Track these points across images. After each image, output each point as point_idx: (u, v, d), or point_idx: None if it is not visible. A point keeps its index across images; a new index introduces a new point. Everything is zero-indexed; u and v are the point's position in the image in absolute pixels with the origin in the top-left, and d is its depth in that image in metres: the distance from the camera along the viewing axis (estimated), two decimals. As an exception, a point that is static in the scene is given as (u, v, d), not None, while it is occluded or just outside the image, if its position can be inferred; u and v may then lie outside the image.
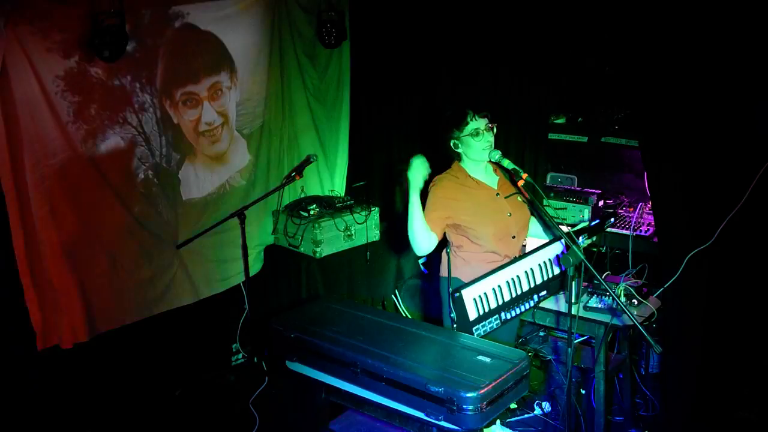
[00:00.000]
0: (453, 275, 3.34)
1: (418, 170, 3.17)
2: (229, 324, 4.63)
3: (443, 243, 3.38)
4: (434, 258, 4.24)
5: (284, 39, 4.63)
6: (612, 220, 3.64)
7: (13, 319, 3.57)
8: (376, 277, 4.86)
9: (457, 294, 2.98)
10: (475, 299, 3.03)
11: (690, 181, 3.28)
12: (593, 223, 3.53)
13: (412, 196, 3.18)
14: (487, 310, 3.06)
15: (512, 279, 3.13)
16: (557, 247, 3.28)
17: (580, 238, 3.28)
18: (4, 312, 3.56)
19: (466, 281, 3.20)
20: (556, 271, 3.27)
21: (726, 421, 3.42)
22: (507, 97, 4.79)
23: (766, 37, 3.01)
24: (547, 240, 3.38)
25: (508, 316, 3.16)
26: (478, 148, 3.26)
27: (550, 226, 3.50)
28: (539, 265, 3.22)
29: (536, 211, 3.49)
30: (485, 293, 3.05)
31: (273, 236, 4.72)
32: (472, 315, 3.02)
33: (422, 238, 3.22)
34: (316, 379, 3.02)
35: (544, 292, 3.26)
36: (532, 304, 3.23)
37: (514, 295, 3.15)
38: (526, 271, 3.18)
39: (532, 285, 3.20)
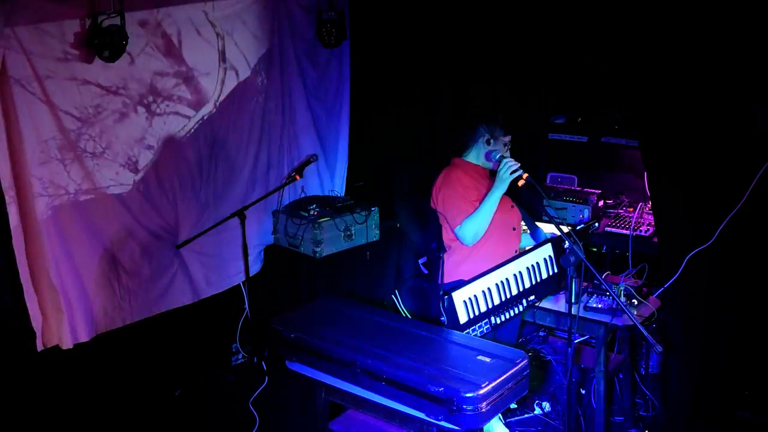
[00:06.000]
0: (456, 277, 3.36)
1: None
2: (229, 324, 4.63)
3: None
4: (434, 258, 4.25)
5: (284, 39, 4.63)
6: (596, 225, 3.65)
7: (13, 319, 3.57)
8: (376, 277, 4.86)
9: (447, 296, 2.99)
10: (465, 302, 3.03)
11: (690, 180, 3.28)
12: (579, 228, 3.56)
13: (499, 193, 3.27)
14: (477, 313, 3.07)
15: (502, 281, 3.15)
16: (545, 251, 3.30)
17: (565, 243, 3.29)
18: (4, 312, 3.56)
19: (468, 279, 3.23)
20: (544, 275, 3.29)
21: (726, 421, 3.42)
22: (507, 97, 4.79)
23: (766, 37, 3.01)
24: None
25: (498, 321, 3.17)
26: (484, 152, 3.41)
27: (533, 228, 3.62)
28: (527, 268, 3.24)
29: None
30: (475, 296, 3.06)
31: (273, 236, 4.72)
32: (463, 318, 3.03)
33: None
34: (316, 379, 3.03)
35: (532, 297, 3.28)
36: (521, 308, 3.25)
37: (503, 299, 3.16)
38: (515, 274, 3.20)
39: (521, 289, 3.22)
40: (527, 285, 3.23)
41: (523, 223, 3.66)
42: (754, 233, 3.19)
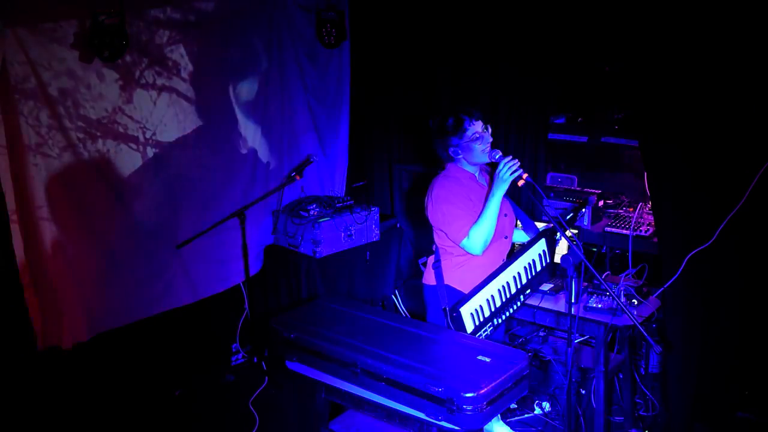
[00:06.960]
0: (446, 282, 3.34)
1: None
2: (229, 324, 4.63)
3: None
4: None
5: (284, 39, 4.63)
6: (583, 210, 3.63)
7: (13, 319, 3.57)
8: (376, 277, 4.86)
9: (456, 313, 3.00)
10: (471, 314, 3.06)
11: (690, 181, 3.28)
12: (568, 217, 3.58)
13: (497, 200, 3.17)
14: (482, 319, 3.10)
15: (503, 286, 3.19)
16: (540, 246, 3.36)
17: (557, 234, 3.35)
18: (4, 312, 3.56)
19: (458, 287, 3.24)
20: (538, 268, 3.36)
21: (726, 421, 3.42)
22: (507, 97, 4.78)
23: (766, 36, 3.01)
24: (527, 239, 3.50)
25: (499, 320, 3.23)
26: (478, 152, 3.27)
27: (528, 226, 3.63)
28: (524, 267, 3.29)
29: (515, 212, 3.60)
30: (480, 306, 3.10)
31: (273, 236, 4.72)
32: (470, 328, 3.07)
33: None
34: (316, 379, 3.03)
35: (528, 291, 3.36)
36: (518, 304, 3.32)
37: (504, 300, 3.21)
38: (514, 276, 3.25)
39: (519, 286, 3.28)
40: (524, 282, 3.30)
41: (518, 222, 3.65)
42: (754, 233, 3.19)
